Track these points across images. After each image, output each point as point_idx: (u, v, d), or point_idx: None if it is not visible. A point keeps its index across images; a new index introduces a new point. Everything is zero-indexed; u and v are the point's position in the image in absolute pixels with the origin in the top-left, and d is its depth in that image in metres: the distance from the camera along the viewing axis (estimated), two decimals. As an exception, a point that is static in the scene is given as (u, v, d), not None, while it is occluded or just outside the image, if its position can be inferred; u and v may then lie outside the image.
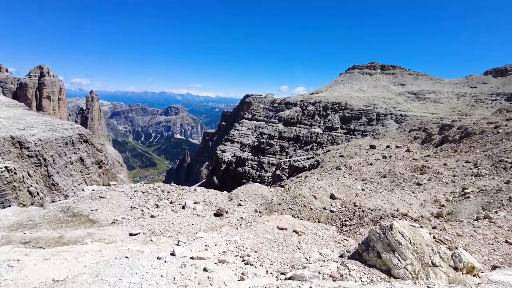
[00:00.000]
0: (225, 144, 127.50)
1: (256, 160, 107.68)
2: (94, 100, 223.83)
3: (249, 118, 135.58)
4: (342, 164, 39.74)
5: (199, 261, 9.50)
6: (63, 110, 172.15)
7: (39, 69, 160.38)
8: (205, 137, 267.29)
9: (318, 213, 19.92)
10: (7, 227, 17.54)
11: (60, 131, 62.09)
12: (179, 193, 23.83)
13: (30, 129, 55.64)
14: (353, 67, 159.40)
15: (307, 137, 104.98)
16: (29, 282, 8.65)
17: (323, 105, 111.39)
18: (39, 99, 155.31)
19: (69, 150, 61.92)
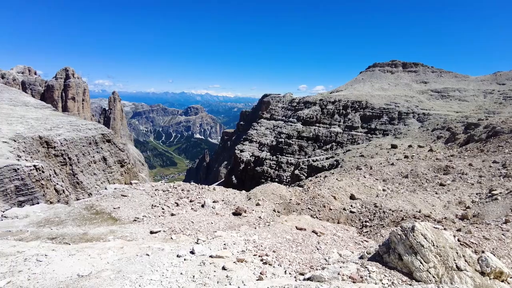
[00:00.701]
0: (244, 143, 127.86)
1: (275, 159, 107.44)
2: (116, 100, 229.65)
3: (268, 117, 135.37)
4: (362, 164, 39.08)
5: (218, 260, 9.59)
6: (87, 111, 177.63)
7: (65, 71, 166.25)
8: (223, 137, 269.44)
9: (338, 214, 19.68)
10: (36, 223, 18.29)
11: (84, 131, 64.11)
12: (199, 192, 24.13)
13: (56, 129, 57.75)
14: (373, 65, 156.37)
15: (326, 137, 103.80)
16: (56, 276, 8.98)
17: (343, 104, 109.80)
18: (65, 100, 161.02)
19: (92, 150, 63.85)
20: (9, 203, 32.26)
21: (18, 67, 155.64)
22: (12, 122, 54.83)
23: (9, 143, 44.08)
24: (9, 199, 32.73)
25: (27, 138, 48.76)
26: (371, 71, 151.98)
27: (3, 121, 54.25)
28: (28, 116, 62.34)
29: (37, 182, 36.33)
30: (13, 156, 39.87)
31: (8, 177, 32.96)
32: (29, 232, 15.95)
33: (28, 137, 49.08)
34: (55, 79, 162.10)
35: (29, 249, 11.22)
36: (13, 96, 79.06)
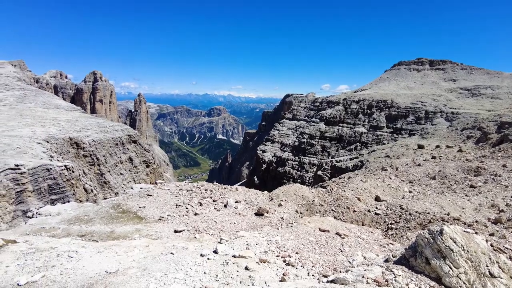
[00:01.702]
0: (266, 144, 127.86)
1: (297, 160, 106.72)
2: (141, 102, 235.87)
3: (290, 117, 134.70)
4: (388, 164, 38.12)
5: (241, 260, 9.65)
6: (114, 113, 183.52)
7: (93, 74, 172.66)
8: (245, 137, 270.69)
9: (362, 216, 19.29)
10: (67, 220, 19.09)
11: (111, 132, 66.28)
12: (221, 192, 24.36)
13: (85, 131, 60.04)
14: (399, 63, 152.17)
15: (350, 137, 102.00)
16: (86, 272, 9.35)
17: (368, 103, 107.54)
18: (93, 102, 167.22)
19: (119, 150, 65.90)
20: (42, 201, 33.86)
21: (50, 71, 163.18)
22: (45, 124, 57.55)
23: (42, 144, 46.27)
24: (43, 197, 34.35)
25: (59, 139, 51.00)
26: (396, 70, 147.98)
27: (37, 123, 57.04)
28: (60, 118, 65.22)
29: (68, 182, 37.90)
30: (46, 157, 41.80)
31: (42, 177, 34.60)
32: (60, 229, 16.67)
33: (59, 139, 51.35)
34: (84, 82, 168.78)
35: (61, 245, 11.73)
36: (46, 100, 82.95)
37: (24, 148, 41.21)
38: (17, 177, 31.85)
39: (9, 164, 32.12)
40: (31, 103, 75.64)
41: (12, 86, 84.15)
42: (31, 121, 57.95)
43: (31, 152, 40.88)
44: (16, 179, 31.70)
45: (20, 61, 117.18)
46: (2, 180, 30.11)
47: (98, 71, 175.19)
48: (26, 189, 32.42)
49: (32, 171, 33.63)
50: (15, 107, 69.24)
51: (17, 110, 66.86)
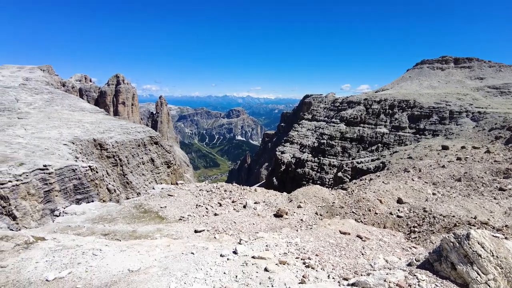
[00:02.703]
0: (284, 145, 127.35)
1: (316, 161, 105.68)
2: (163, 104, 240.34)
3: (309, 118, 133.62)
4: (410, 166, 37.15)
5: (260, 261, 9.65)
6: (136, 115, 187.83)
7: (116, 77, 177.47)
8: (264, 138, 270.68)
9: (384, 218, 18.88)
10: (91, 219, 19.70)
11: (134, 134, 67.87)
12: (240, 192, 24.47)
13: (108, 132, 61.76)
14: (422, 62, 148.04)
15: (371, 138, 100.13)
16: (109, 270, 9.61)
17: (389, 103, 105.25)
18: (116, 105, 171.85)
19: (141, 151, 67.39)
20: (68, 201, 35.05)
21: (76, 75, 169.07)
22: (71, 126, 59.65)
23: (68, 145, 47.97)
24: (69, 197, 35.55)
25: (83, 141, 52.72)
26: (419, 69, 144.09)
27: (63, 126, 59.20)
28: (84, 120, 67.42)
29: (92, 182, 39.06)
30: (72, 158, 43.27)
31: (68, 177, 35.83)
32: (85, 228, 17.22)
33: (84, 140, 53.07)
34: (107, 85, 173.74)
35: (86, 243, 12.11)
36: (72, 102, 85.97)
37: (52, 149, 42.84)
38: (45, 177, 33.13)
39: (38, 164, 33.47)
40: (58, 106, 78.61)
41: (41, 90, 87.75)
42: (58, 123, 60.22)
43: (58, 153, 42.45)
44: (44, 179, 32.98)
45: (48, 66, 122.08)
46: (32, 180, 31.40)
47: (121, 74, 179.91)
48: (53, 189, 33.66)
49: (59, 171, 34.89)
50: (44, 110, 72.17)
51: (45, 113, 69.67)
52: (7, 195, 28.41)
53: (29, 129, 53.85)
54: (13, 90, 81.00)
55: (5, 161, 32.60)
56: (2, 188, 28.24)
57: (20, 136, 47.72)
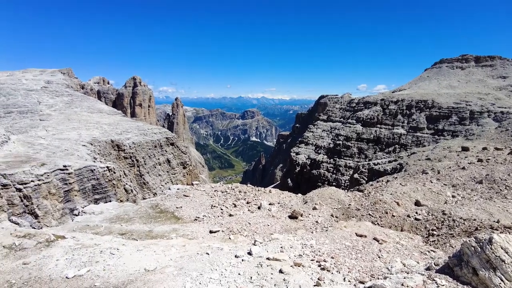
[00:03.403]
0: (299, 146, 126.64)
1: (332, 162, 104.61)
2: (179, 106, 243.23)
3: (324, 119, 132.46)
4: (429, 168, 36.30)
5: (275, 263, 9.61)
6: (152, 116, 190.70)
7: (133, 80, 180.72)
8: (279, 139, 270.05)
9: (401, 221, 18.50)
10: (109, 219, 20.10)
11: (150, 135, 68.95)
12: (255, 194, 24.47)
13: (125, 134, 62.95)
14: (440, 61, 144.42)
15: (388, 139, 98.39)
16: (126, 269, 9.78)
17: (407, 104, 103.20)
18: (133, 106, 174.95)
19: (157, 152, 68.38)
20: (87, 200, 35.92)
21: (94, 78, 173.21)
22: (89, 128, 61.08)
23: (87, 146, 49.13)
24: (87, 196, 36.43)
25: (102, 142, 53.91)
26: (438, 68, 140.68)
27: (82, 127, 60.68)
28: (102, 122, 68.94)
29: (110, 182, 39.89)
30: (90, 158, 44.32)
31: (86, 177, 36.72)
32: (103, 227, 17.58)
33: (102, 141, 54.27)
34: (125, 87, 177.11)
35: (104, 242, 12.37)
36: (91, 104, 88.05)
37: (71, 150, 43.99)
38: (65, 177, 34.05)
39: (59, 165, 34.44)
40: (77, 108, 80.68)
41: (61, 92, 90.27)
42: (77, 125, 61.78)
43: (77, 153, 43.56)
44: (64, 179, 33.90)
45: (68, 69, 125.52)
46: (53, 180, 32.33)
47: (138, 77, 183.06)
48: (73, 189, 34.56)
49: (78, 171, 35.81)
50: (64, 112, 74.20)
51: (65, 114, 71.61)
52: (29, 195, 29.35)
53: (50, 130, 55.47)
54: (36, 93, 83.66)
55: (28, 161, 33.69)
56: (25, 187, 29.18)
57: (41, 137, 49.22)
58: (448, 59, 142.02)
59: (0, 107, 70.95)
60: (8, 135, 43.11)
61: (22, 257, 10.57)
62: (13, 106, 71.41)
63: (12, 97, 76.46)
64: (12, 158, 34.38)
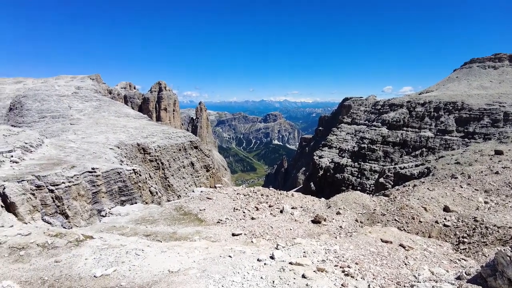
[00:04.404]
0: (323, 149, 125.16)
1: (356, 166, 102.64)
2: (202, 110, 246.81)
3: (349, 122, 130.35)
4: (458, 172, 34.86)
5: (297, 267, 9.51)
6: (177, 120, 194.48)
7: (158, 85, 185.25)
8: (301, 143, 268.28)
9: (429, 227, 17.84)
10: (134, 220, 20.62)
11: (175, 138, 70.37)
12: (277, 197, 24.36)
13: (151, 137, 64.55)
14: (471, 61, 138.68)
15: (415, 142, 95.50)
16: (151, 270, 9.99)
17: (434, 106, 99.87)
18: (158, 110, 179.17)
19: (182, 155, 69.65)
20: (114, 202, 37.04)
21: (121, 83, 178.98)
22: (116, 131, 63.10)
23: (114, 149, 50.76)
24: (114, 198, 37.57)
25: (128, 145, 55.53)
26: (468, 68, 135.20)
27: (110, 131, 62.78)
28: (129, 125, 71.04)
29: (136, 184, 40.98)
30: (117, 161, 45.73)
31: (113, 179, 37.90)
32: (129, 228, 18.04)
33: (128, 144, 55.90)
34: (150, 92, 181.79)
35: (129, 243, 12.69)
36: (118, 109, 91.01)
37: (99, 153, 45.58)
38: (93, 179, 35.30)
39: (87, 167, 35.77)
40: (105, 113, 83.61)
41: (90, 97, 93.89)
42: (105, 129, 63.98)
43: (105, 156, 45.07)
44: (92, 181, 35.15)
45: (97, 75, 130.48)
46: (82, 182, 33.60)
47: (163, 82, 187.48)
48: (100, 190, 35.76)
49: (105, 174, 37.03)
50: (92, 116, 77.09)
51: (93, 119, 74.37)
52: (61, 196, 30.63)
53: (80, 134, 57.76)
54: (67, 98, 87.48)
55: (59, 163, 35.21)
56: (56, 188, 30.48)
57: (72, 140, 51.32)
58: (479, 59, 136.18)
59: (35, 112, 74.75)
60: (42, 138, 45.26)
61: (54, 255, 11.04)
62: (47, 111, 75.04)
63: (46, 103, 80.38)
64: (45, 161, 36.06)
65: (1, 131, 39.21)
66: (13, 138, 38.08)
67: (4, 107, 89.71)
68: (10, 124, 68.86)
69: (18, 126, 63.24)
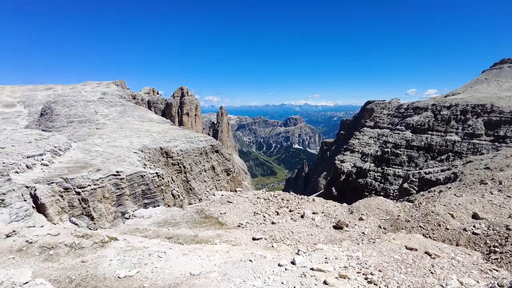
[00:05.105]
0: (344, 154, 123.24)
1: (380, 171, 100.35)
2: (223, 115, 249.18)
3: (371, 125, 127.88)
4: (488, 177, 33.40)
5: (319, 273, 9.37)
6: (199, 124, 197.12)
7: (180, 90, 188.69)
8: (323, 147, 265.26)
9: (457, 235, 17.16)
10: (157, 223, 21.00)
11: (196, 142, 71.34)
12: (298, 202, 24.19)
13: (173, 141, 65.75)
14: (501, 61, 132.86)
15: (441, 146, 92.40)
16: (173, 272, 10.12)
17: (461, 109, 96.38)
18: (180, 115, 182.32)
19: (203, 159, 70.48)
20: (137, 204, 37.86)
21: (145, 88, 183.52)
22: (140, 136, 64.69)
23: (138, 153, 52.02)
24: (137, 201, 38.41)
25: (151, 149, 56.78)
26: (498, 69, 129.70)
27: (134, 135, 64.45)
28: (152, 130, 72.68)
29: (158, 187, 41.74)
30: (141, 165, 46.82)
31: (137, 182, 38.78)
32: (151, 231, 18.38)
33: (152, 148, 57.15)
34: (173, 97, 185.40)
35: (152, 245, 12.92)
36: (141, 114, 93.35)
37: (123, 157, 46.82)
38: (118, 182, 36.25)
39: (112, 170, 36.81)
40: (129, 117, 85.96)
41: (115, 103, 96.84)
42: (129, 133, 65.75)
43: (129, 160, 46.24)
44: (117, 184, 36.10)
45: (122, 81, 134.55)
46: (107, 185, 34.58)
47: (185, 87, 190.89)
48: (124, 193, 36.67)
49: (129, 177, 37.96)
50: (117, 121, 79.44)
51: (118, 123, 76.61)
52: (87, 198, 31.64)
53: (105, 138, 59.61)
54: (93, 104, 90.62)
55: (85, 167, 36.43)
56: (83, 191, 31.52)
57: (97, 144, 53.03)
58: (510, 59, 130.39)
59: (64, 117, 77.88)
60: (70, 142, 47.03)
61: (80, 255, 11.41)
62: (74, 116, 78.03)
63: (73, 108, 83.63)
64: (73, 164, 37.41)
65: (33, 136, 41.05)
66: (43, 142, 39.77)
67: (36, 113, 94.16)
68: (41, 128, 72.16)
69: (48, 130, 66.11)
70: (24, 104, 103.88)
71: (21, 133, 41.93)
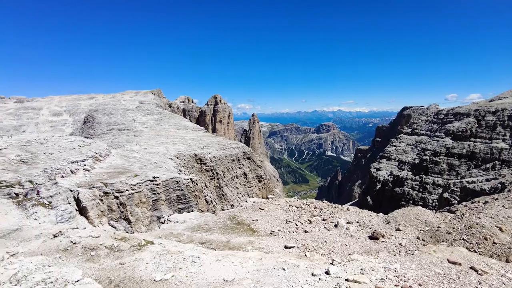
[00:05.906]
0: (380, 161, 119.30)
1: (418, 180, 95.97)
2: (255, 122, 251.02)
3: (408, 132, 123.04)
4: (540, 188, 30.85)
5: (354, 285, 9.07)
6: (231, 132, 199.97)
7: (214, 98, 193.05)
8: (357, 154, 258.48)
9: (506, 250, 15.94)
10: (190, 228, 21.41)
11: (229, 149, 72.28)
12: (331, 211, 23.68)
13: (207, 148, 67.07)
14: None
15: (485, 154, 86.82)
16: (206, 277, 10.23)
17: (509, 114, 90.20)
18: (214, 123, 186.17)
19: (235, 166, 71.19)
20: (172, 209, 38.87)
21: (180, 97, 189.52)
22: (176, 142, 66.67)
23: (173, 159, 53.59)
24: (172, 206, 39.43)
25: (186, 156, 58.25)
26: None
27: (169, 142, 66.54)
28: (187, 137, 74.68)
29: (192, 193, 42.65)
30: (176, 171, 48.12)
31: (172, 188, 39.88)
32: (185, 236, 18.76)
33: (186, 155, 58.63)
34: (207, 105, 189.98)
35: (186, 250, 13.18)
36: (177, 121, 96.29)
37: (160, 163, 48.39)
38: (154, 188, 37.47)
39: (149, 176, 38.16)
40: (165, 125, 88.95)
41: (152, 111, 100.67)
42: (165, 140, 67.97)
43: (165, 166, 47.71)
44: (153, 189, 37.33)
45: (158, 90, 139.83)
46: (143, 190, 35.86)
47: (218, 95, 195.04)
48: (160, 198, 37.81)
49: (165, 182, 39.14)
50: (154, 129, 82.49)
51: (155, 131, 79.51)
52: (124, 202, 32.97)
53: (142, 145, 62.02)
54: (131, 112, 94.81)
55: (124, 172, 38.05)
56: (121, 195, 32.89)
57: (135, 151, 55.27)
58: None
59: (104, 125, 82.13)
60: (110, 149, 49.43)
61: (119, 257, 11.87)
62: (114, 124, 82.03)
63: (113, 116, 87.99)
64: (112, 169, 39.24)
65: (76, 142, 43.61)
66: (86, 149, 42.11)
67: (80, 121, 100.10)
68: (84, 135, 76.53)
69: (90, 137, 70.01)
70: (69, 112, 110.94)
71: (66, 140, 44.67)
